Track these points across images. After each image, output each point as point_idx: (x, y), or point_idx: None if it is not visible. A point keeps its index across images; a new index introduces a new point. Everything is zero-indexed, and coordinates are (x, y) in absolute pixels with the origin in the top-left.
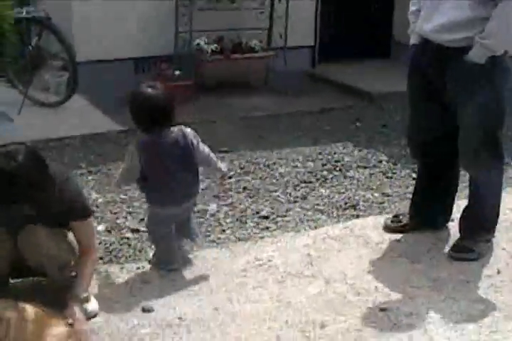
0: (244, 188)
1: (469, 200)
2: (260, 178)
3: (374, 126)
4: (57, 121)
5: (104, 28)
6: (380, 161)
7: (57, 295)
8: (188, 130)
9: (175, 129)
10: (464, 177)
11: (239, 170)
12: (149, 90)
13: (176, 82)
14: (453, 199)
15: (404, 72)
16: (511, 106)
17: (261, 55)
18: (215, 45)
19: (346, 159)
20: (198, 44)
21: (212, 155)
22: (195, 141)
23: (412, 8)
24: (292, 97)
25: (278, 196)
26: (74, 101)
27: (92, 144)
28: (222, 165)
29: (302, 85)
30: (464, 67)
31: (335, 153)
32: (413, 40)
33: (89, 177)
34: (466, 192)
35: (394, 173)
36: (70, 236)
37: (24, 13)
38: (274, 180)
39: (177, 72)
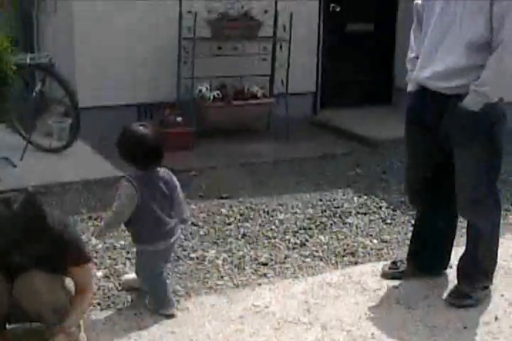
0: (244, 235)
1: (467, 246)
2: (259, 224)
3: (374, 173)
4: (60, 166)
5: (107, 74)
6: (380, 207)
7: None
8: (171, 173)
9: (161, 169)
10: (462, 223)
11: (238, 217)
12: (142, 129)
13: (178, 128)
14: (451, 246)
15: (404, 119)
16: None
17: (263, 101)
18: (217, 91)
19: (346, 205)
20: (200, 90)
21: (184, 201)
22: (177, 183)
23: (410, 55)
24: (293, 143)
25: (277, 242)
26: (76, 146)
27: (93, 190)
28: (187, 213)
29: (303, 131)
30: (460, 114)
31: (335, 200)
32: (410, 87)
33: (90, 223)
34: (464, 238)
35: (393, 220)
36: (67, 281)
37: (28, 60)
38: (274, 227)
39: (179, 119)
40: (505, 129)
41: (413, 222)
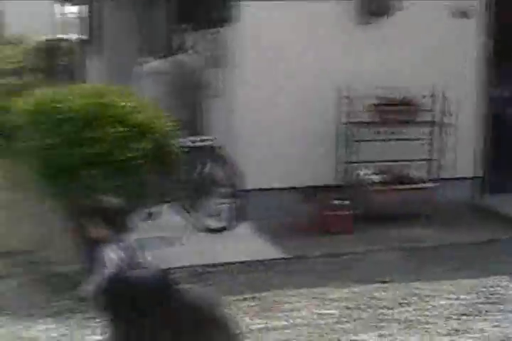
0: (397, 319)
1: None
2: (415, 309)
3: None
4: (220, 247)
5: (271, 159)
6: None
7: None
8: None
9: None
10: None
11: (395, 301)
12: None
13: (338, 211)
14: None
15: None
16: None
17: (425, 186)
18: (379, 175)
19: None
20: (360, 174)
21: None
22: None
23: None
24: (455, 228)
25: (432, 328)
26: (239, 227)
27: (253, 271)
28: None
29: (466, 216)
30: None
31: (497, 287)
32: None
33: (246, 303)
34: None
35: None
36: None
37: (195, 142)
38: (429, 312)
39: (341, 202)
40: None
41: None
